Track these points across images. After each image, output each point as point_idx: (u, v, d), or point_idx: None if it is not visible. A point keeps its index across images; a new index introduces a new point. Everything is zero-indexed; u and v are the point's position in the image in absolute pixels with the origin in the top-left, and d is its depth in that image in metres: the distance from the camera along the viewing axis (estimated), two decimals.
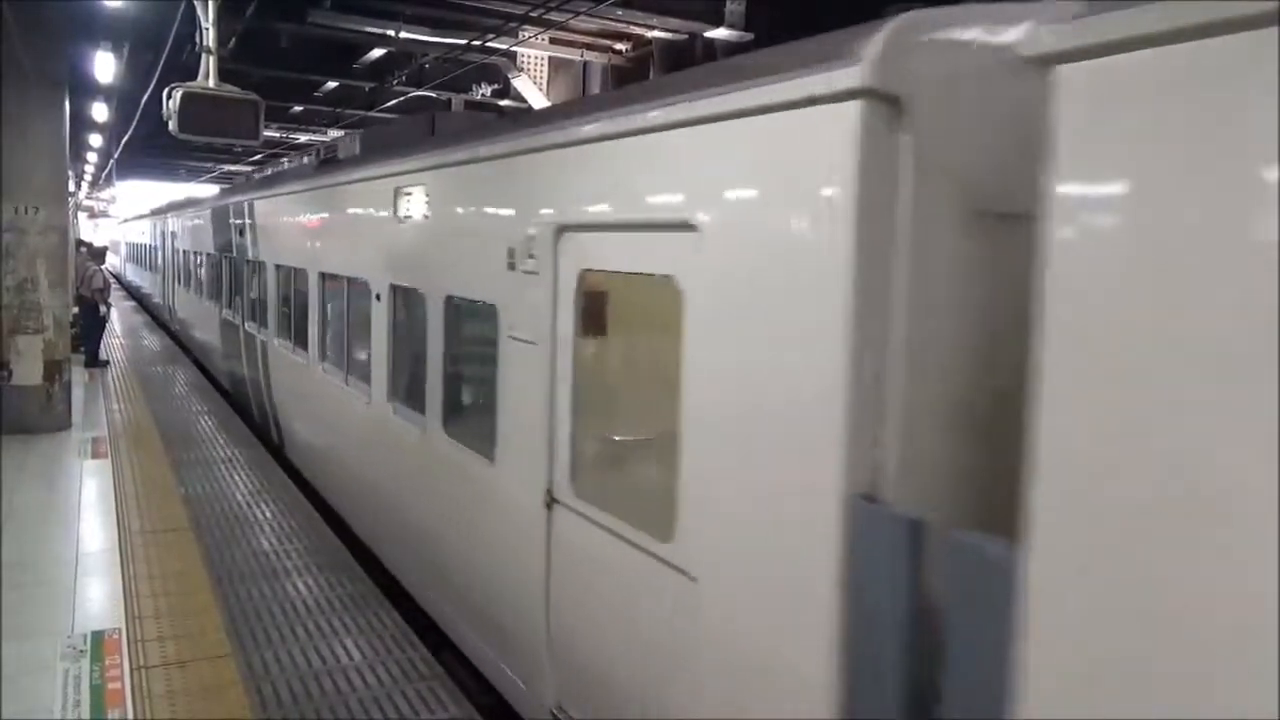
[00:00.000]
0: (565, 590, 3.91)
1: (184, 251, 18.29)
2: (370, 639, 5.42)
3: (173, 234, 20.23)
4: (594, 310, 3.87)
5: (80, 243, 19.17)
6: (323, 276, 8.05)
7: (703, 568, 2.96)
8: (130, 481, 8.62)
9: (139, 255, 31.83)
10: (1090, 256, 1.65)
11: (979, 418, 2.42)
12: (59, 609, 5.73)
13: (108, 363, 15.85)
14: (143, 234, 29.49)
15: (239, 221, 11.91)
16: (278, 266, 9.84)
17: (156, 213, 26.32)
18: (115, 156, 24.18)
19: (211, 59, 7.34)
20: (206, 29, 7.43)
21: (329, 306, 8.13)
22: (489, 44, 11.28)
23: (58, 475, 9.03)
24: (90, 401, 12.41)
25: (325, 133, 20.37)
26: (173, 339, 20.24)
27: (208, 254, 14.74)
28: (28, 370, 10.64)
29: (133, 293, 33.34)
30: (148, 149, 22.35)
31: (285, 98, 16.44)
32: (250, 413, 11.81)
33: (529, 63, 14.21)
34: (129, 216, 39.40)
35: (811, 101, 2.49)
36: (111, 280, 20.93)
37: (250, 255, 11.23)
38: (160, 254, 23.35)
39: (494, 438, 4.54)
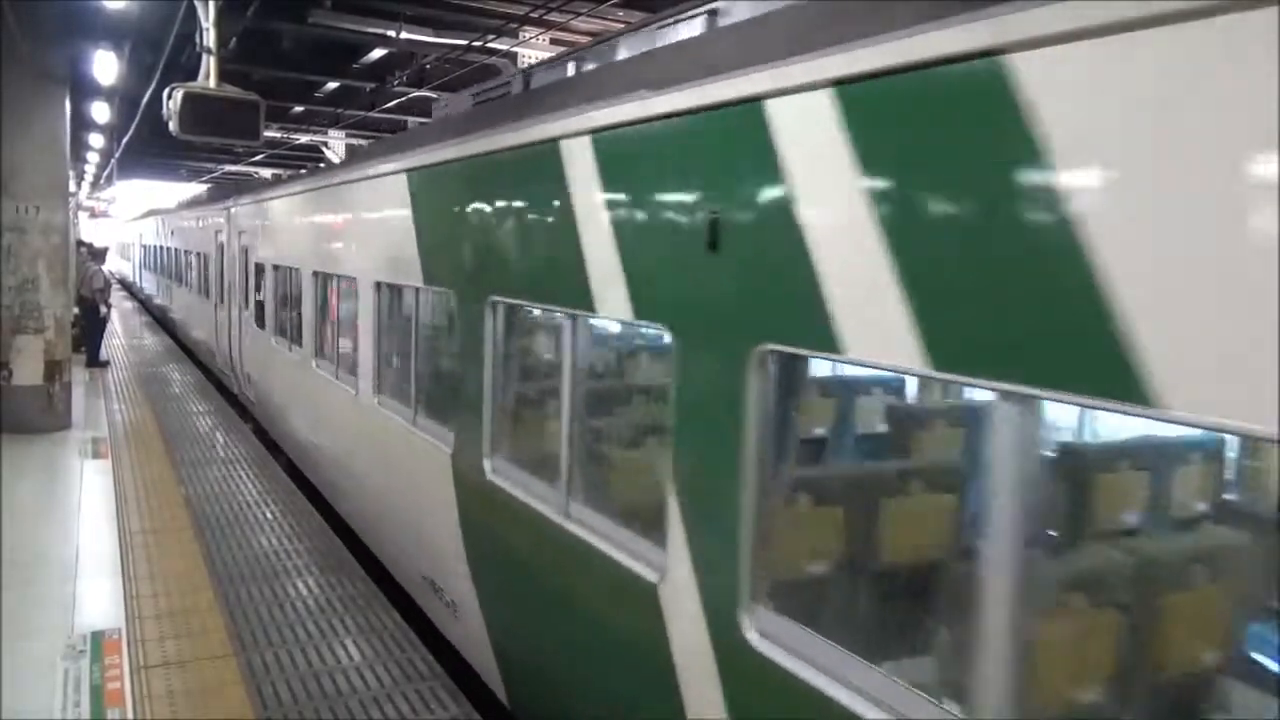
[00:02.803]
0: None
1: (289, 273, 9.75)
2: (371, 639, 5.42)
3: (240, 235, 12.60)
4: None
5: (81, 243, 19.14)
6: None
7: None
8: (131, 482, 8.62)
9: (164, 264, 23.28)
10: None
11: None
12: (59, 609, 5.73)
13: (108, 363, 15.86)
14: (170, 235, 21.70)
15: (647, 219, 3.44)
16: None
17: (200, 203, 18.47)
18: (116, 156, 24.10)
19: (212, 59, 7.33)
20: (207, 29, 7.43)
21: None
22: (489, 45, 11.28)
23: (58, 475, 9.03)
24: (91, 402, 12.41)
25: (325, 133, 20.36)
26: (242, 413, 12.50)
27: (389, 285, 6.56)
28: (28, 370, 10.65)
29: (156, 315, 25.19)
30: (148, 149, 22.27)
31: (286, 98, 16.43)
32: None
33: (529, 63, 14.19)
34: (145, 211, 32.32)
35: None
36: (113, 281, 20.90)
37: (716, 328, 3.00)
38: (209, 269, 15.47)
39: None
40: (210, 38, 7.40)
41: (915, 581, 2.42)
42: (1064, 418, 4.81)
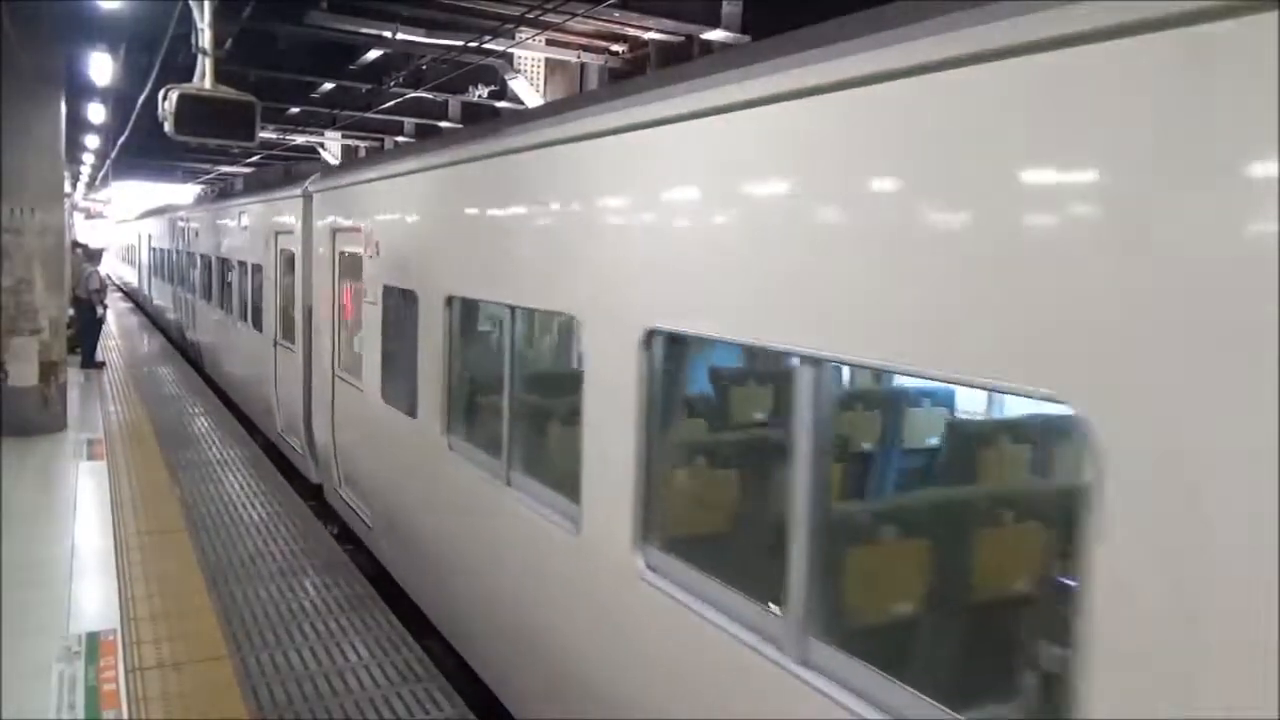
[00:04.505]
0: None
1: (517, 320, 4.69)
2: (366, 640, 5.42)
3: (336, 236, 8.00)
4: None
5: (76, 244, 19.10)
6: None
7: None
8: (126, 483, 8.61)
9: (182, 274, 18.34)
10: None
11: None
12: (55, 611, 5.72)
13: (104, 364, 15.83)
14: (194, 236, 16.60)
15: None
16: None
17: (241, 192, 13.19)
18: (111, 157, 24.04)
19: (207, 60, 7.32)
20: (202, 30, 7.41)
21: None
22: (485, 45, 11.28)
23: (54, 477, 9.02)
24: (86, 403, 12.40)
25: (322, 134, 20.34)
26: (318, 501, 8.65)
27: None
28: (24, 372, 10.63)
29: (174, 339, 19.84)
30: (144, 150, 22.21)
31: (282, 99, 16.41)
32: None
33: (525, 64, 14.19)
34: (153, 207, 27.43)
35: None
36: (109, 282, 20.81)
37: None
38: (261, 288, 10.84)
39: None
40: (206, 38, 7.39)
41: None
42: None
